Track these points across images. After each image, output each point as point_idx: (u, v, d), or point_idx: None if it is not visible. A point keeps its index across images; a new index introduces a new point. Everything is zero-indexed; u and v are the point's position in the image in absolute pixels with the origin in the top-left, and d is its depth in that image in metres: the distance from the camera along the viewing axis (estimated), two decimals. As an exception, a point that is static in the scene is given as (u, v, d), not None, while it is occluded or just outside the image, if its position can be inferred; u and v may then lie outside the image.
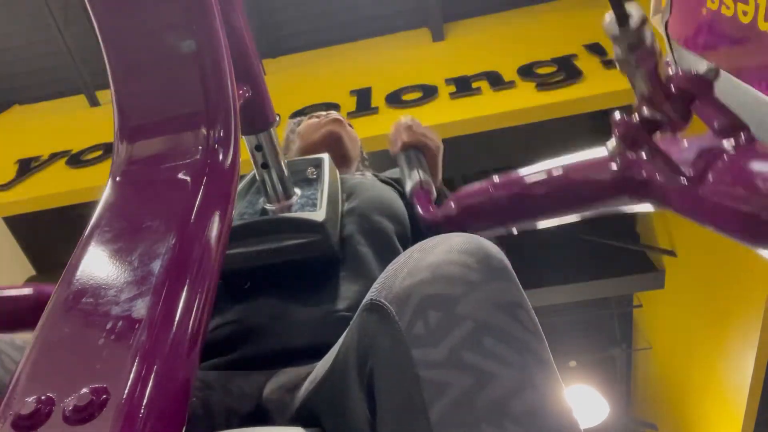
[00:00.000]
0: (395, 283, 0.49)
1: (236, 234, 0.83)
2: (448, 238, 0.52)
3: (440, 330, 0.45)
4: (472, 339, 0.44)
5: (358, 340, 0.51)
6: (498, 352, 0.44)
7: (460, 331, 0.44)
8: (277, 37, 3.34)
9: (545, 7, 3.19)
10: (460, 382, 0.42)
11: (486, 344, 0.44)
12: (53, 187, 2.53)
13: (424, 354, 0.44)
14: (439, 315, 0.45)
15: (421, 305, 0.46)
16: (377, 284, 0.52)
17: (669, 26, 0.75)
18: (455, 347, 0.44)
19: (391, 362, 0.47)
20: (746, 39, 0.56)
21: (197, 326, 0.43)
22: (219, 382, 0.71)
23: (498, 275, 0.48)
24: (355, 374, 0.51)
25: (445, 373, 0.43)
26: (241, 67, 0.74)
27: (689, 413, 3.87)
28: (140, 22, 0.56)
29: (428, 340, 0.45)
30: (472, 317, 0.45)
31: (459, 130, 2.38)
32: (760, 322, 2.61)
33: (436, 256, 0.49)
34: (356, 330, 0.53)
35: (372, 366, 0.49)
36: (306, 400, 0.63)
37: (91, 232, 0.48)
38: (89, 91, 3.21)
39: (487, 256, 0.49)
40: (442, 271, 0.47)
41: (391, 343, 0.47)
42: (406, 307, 0.47)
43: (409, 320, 0.46)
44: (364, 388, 0.50)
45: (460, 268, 0.47)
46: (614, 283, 3.84)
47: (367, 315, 0.51)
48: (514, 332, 0.45)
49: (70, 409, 0.35)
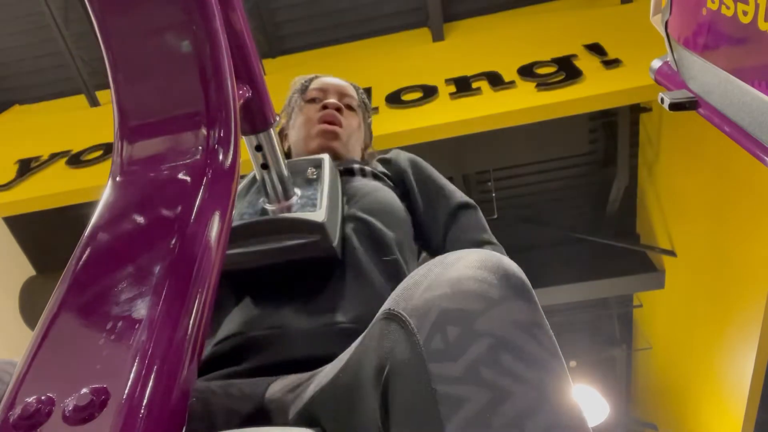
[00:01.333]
0: (415, 296, 0.49)
1: (236, 234, 0.83)
2: (469, 253, 0.52)
3: (459, 345, 0.45)
4: (490, 356, 0.44)
5: (376, 348, 0.51)
6: (515, 370, 0.44)
7: (478, 348, 0.44)
8: (277, 37, 3.34)
9: (545, 7, 3.19)
10: (477, 398, 0.43)
11: (504, 361, 0.44)
12: (53, 187, 2.53)
13: (441, 368, 0.44)
14: (457, 330, 0.45)
15: (441, 319, 0.46)
16: (396, 295, 0.52)
17: (669, 26, 0.75)
18: (473, 363, 0.44)
19: (409, 374, 0.47)
20: (746, 39, 0.56)
21: (197, 326, 0.43)
22: (220, 387, 0.71)
23: (517, 293, 0.48)
24: (371, 379, 0.51)
25: (462, 388, 0.43)
26: (241, 67, 0.74)
27: (689, 413, 3.87)
28: (140, 22, 0.55)
29: (446, 354, 0.45)
30: (490, 334, 0.45)
31: (459, 130, 2.38)
32: (760, 322, 2.61)
33: (457, 271, 0.49)
34: (375, 337, 0.52)
35: (389, 375, 0.49)
36: (311, 401, 0.63)
37: (91, 232, 0.48)
38: (89, 91, 3.21)
39: (506, 273, 0.49)
40: (462, 286, 0.48)
41: (409, 355, 0.47)
42: (425, 320, 0.47)
43: (428, 334, 0.46)
44: (378, 396, 0.50)
45: (480, 284, 0.48)
46: (614, 283, 3.85)
47: (386, 324, 0.51)
48: (532, 351, 0.45)
49: (70, 409, 0.35)
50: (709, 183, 2.96)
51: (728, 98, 0.62)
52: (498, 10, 3.26)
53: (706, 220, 3.09)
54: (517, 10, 3.24)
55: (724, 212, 2.85)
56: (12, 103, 3.55)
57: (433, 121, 2.36)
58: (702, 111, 0.70)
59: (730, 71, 0.60)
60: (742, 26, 0.56)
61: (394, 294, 0.53)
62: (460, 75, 2.62)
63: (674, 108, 0.72)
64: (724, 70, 0.61)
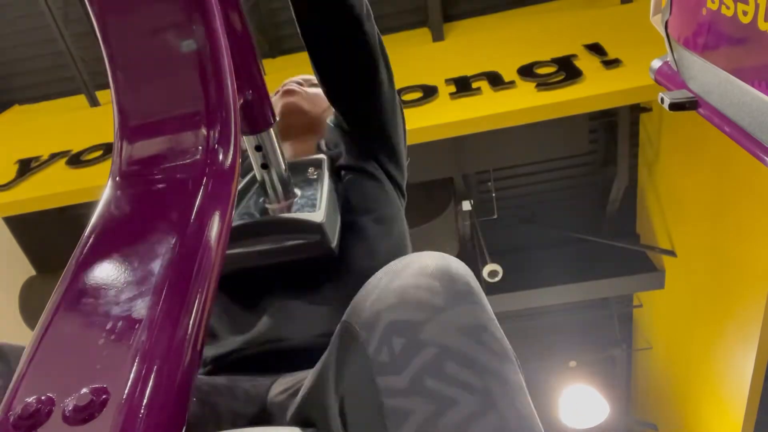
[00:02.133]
0: (365, 307, 0.49)
1: (236, 234, 0.83)
2: (416, 259, 0.51)
3: (403, 357, 0.44)
4: (434, 365, 0.44)
5: (335, 360, 0.51)
6: (460, 378, 0.43)
7: (422, 358, 0.44)
8: (277, 37, 3.34)
9: (545, 7, 3.19)
10: (421, 409, 0.42)
11: (448, 370, 0.43)
12: (53, 187, 2.53)
13: (388, 382, 0.44)
14: (402, 341, 0.45)
15: (387, 331, 0.46)
16: (351, 307, 0.52)
17: (669, 26, 0.75)
18: (417, 374, 0.43)
19: (359, 389, 0.47)
20: (746, 39, 0.56)
21: (197, 326, 0.43)
22: (226, 387, 0.71)
23: (462, 298, 0.47)
24: (332, 391, 0.51)
25: (407, 400, 0.43)
26: (241, 67, 0.74)
27: (689, 413, 3.87)
28: (140, 21, 0.55)
29: (392, 367, 0.44)
30: (435, 343, 0.45)
31: (459, 130, 2.38)
32: (760, 322, 2.61)
33: (403, 280, 0.49)
34: (335, 348, 0.52)
35: (344, 389, 0.49)
36: (301, 403, 0.64)
37: (91, 232, 0.48)
38: (89, 91, 3.21)
39: (451, 278, 0.49)
40: (406, 295, 0.47)
41: (358, 369, 0.47)
42: (374, 332, 0.47)
43: (376, 346, 0.46)
44: (338, 407, 0.50)
45: (424, 293, 0.47)
46: (614, 283, 3.85)
47: (342, 338, 0.51)
48: (478, 356, 0.45)
49: (70, 409, 0.35)
50: (709, 183, 2.96)
51: (728, 98, 0.62)
52: (498, 10, 3.26)
53: (706, 220, 3.09)
54: (517, 10, 3.24)
55: (724, 212, 2.85)
56: (12, 103, 3.55)
57: (433, 121, 2.36)
58: (702, 111, 0.70)
59: (730, 71, 0.60)
60: (742, 26, 0.56)
61: (351, 303, 0.52)
62: (460, 75, 2.62)
63: (674, 108, 0.72)
64: (724, 70, 0.61)
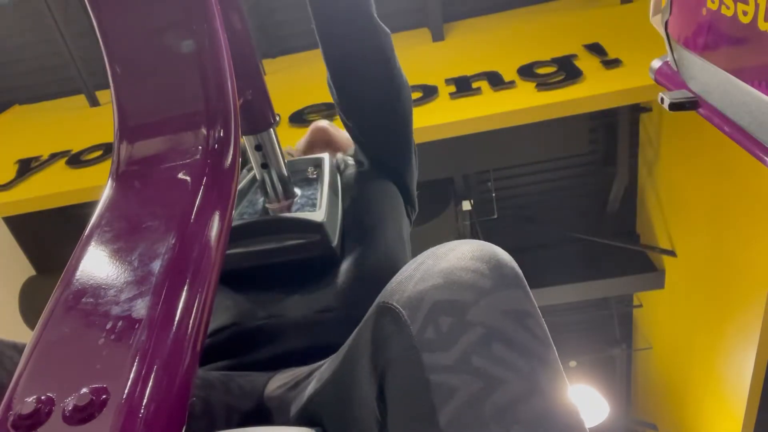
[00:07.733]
0: (408, 287, 0.50)
1: (236, 234, 0.83)
2: (461, 244, 0.52)
3: (451, 335, 0.45)
4: (481, 345, 0.45)
5: (371, 341, 0.52)
6: (507, 359, 0.44)
7: (469, 337, 0.45)
8: (277, 37, 3.34)
9: (545, 7, 3.18)
10: (468, 386, 0.43)
11: (495, 350, 0.45)
12: (53, 187, 2.53)
13: (434, 358, 0.45)
14: (450, 320, 0.46)
15: (433, 310, 0.47)
16: (390, 287, 0.53)
17: (669, 26, 0.75)
18: (465, 352, 0.44)
19: (403, 366, 0.47)
20: (746, 39, 0.56)
21: (197, 326, 0.43)
22: (220, 381, 0.71)
23: (509, 283, 0.49)
24: (367, 374, 0.52)
25: (454, 377, 0.44)
26: (241, 67, 0.74)
27: (689, 413, 3.87)
28: (140, 21, 0.55)
29: (439, 344, 0.45)
30: (482, 324, 0.46)
31: (459, 130, 2.38)
32: (760, 322, 2.61)
33: (449, 263, 0.50)
34: (369, 330, 0.53)
35: (384, 368, 0.49)
36: (311, 399, 0.63)
37: (91, 232, 0.48)
38: (89, 91, 3.21)
39: (499, 263, 0.50)
40: (454, 277, 0.48)
41: (402, 347, 0.47)
42: (418, 311, 0.47)
43: (421, 325, 0.47)
44: (375, 390, 0.50)
45: (472, 275, 0.48)
46: (614, 283, 3.85)
47: (380, 317, 0.51)
48: (523, 340, 0.46)
49: (70, 409, 0.35)
50: (710, 183, 2.96)
51: (728, 98, 0.62)
52: (498, 10, 3.26)
53: (706, 220, 3.09)
54: (518, 10, 3.23)
55: (724, 212, 2.85)
56: (12, 103, 3.55)
57: (433, 121, 2.36)
58: (702, 111, 0.70)
59: (730, 71, 0.60)
60: (742, 26, 0.56)
61: (388, 286, 0.53)
62: (460, 75, 2.62)
63: (674, 108, 0.72)
64: (724, 70, 0.61)
